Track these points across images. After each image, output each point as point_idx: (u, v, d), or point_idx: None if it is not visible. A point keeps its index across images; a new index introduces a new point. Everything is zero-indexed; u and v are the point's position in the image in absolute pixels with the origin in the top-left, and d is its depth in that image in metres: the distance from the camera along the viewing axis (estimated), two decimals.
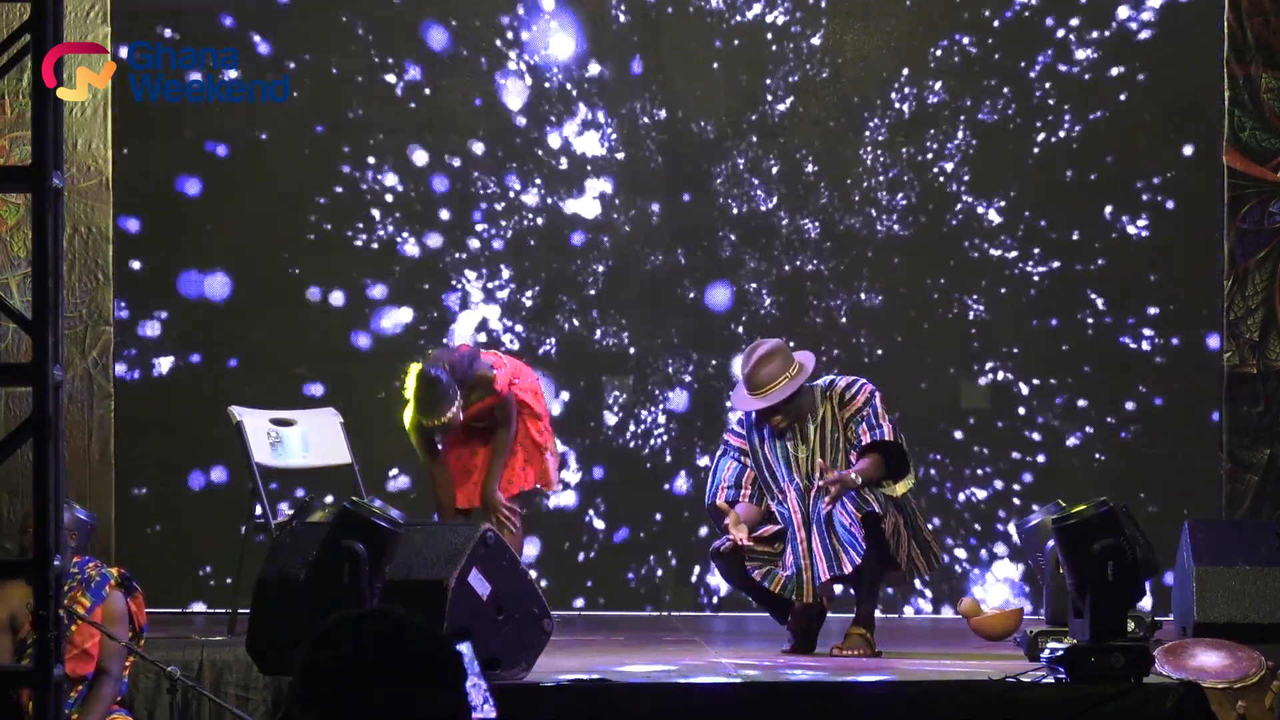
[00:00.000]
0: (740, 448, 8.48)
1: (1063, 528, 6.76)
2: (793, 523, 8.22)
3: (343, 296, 10.82)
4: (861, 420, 8.27)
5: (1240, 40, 9.79)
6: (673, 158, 10.88)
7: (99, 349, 9.61)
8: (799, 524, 8.20)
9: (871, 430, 8.24)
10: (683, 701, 6.77)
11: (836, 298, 10.82)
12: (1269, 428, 9.82)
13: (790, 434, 8.35)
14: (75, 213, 9.50)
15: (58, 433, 4.95)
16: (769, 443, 8.40)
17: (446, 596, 6.72)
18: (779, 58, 10.85)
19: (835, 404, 8.34)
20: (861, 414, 8.28)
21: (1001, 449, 10.85)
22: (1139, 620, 7.07)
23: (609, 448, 10.89)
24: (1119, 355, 10.83)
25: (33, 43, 5.02)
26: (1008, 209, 10.87)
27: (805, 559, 8.13)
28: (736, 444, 8.50)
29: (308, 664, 3.02)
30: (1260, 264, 9.82)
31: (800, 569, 8.13)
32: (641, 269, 10.87)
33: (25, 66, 5.16)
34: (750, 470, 8.44)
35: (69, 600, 7.20)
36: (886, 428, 8.25)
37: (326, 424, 9.43)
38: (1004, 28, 10.86)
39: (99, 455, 9.60)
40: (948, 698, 6.69)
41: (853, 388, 8.37)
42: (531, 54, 10.84)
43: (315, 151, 10.79)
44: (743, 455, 8.46)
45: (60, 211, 5.02)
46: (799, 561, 8.14)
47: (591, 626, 9.93)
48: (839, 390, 8.35)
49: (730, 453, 8.50)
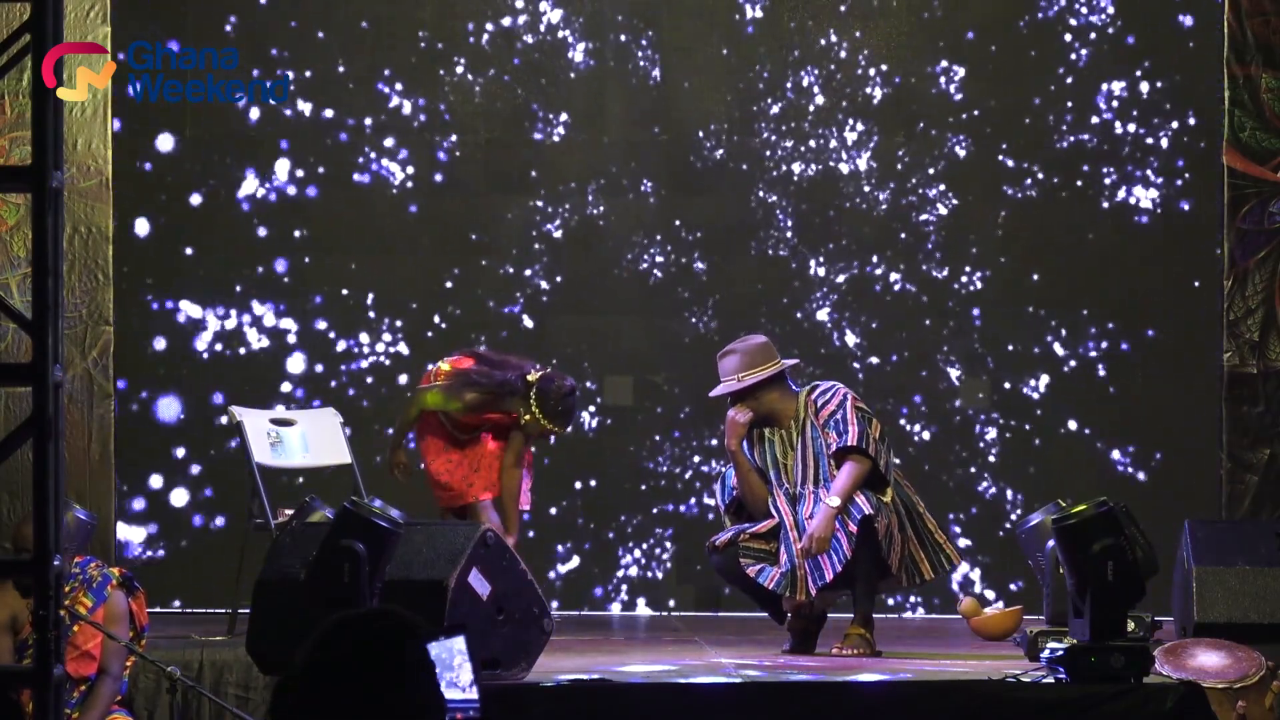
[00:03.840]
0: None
1: (1063, 528, 6.77)
2: (785, 524, 8.22)
3: (343, 297, 10.82)
4: (832, 426, 8.25)
5: (1240, 40, 9.79)
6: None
7: (99, 349, 9.60)
8: (790, 526, 8.20)
9: (840, 436, 8.20)
10: (683, 701, 6.78)
11: (824, 293, 10.83)
12: (1269, 428, 9.82)
13: (774, 439, 8.35)
14: (75, 213, 9.49)
15: (58, 433, 4.95)
16: (758, 446, 8.40)
17: (446, 596, 6.72)
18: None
19: (812, 411, 8.34)
20: (833, 418, 8.26)
21: (1002, 448, 10.84)
22: (1139, 620, 7.07)
23: (609, 446, 10.89)
24: (1118, 355, 10.83)
25: (33, 43, 5.02)
26: (1008, 208, 10.87)
27: (800, 559, 8.13)
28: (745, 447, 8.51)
29: (306, 665, 3.03)
30: (1260, 264, 9.81)
31: (794, 566, 8.14)
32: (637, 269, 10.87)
33: (25, 66, 5.16)
34: None
35: (71, 601, 7.21)
36: (853, 431, 8.16)
37: (326, 424, 9.43)
38: (1004, 28, 10.85)
39: (99, 455, 9.59)
40: (948, 698, 6.70)
41: (827, 393, 8.35)
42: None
43: (319, 148, 10.80)
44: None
45: (60, 211, 5.01)
46: (793, 559, 8.14)
47: (591, 626, 9.93)
48: (814, 397, 8.35)
49: None
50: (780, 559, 8.20)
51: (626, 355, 10.97)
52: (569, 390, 8.92)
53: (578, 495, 10.84)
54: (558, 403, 8.88)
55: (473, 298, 10.83)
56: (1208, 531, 8.34)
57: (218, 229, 10.75)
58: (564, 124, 10.91)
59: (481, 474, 9.02)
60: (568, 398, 8.90)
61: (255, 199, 10.78)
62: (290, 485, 10.14)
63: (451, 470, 9.01)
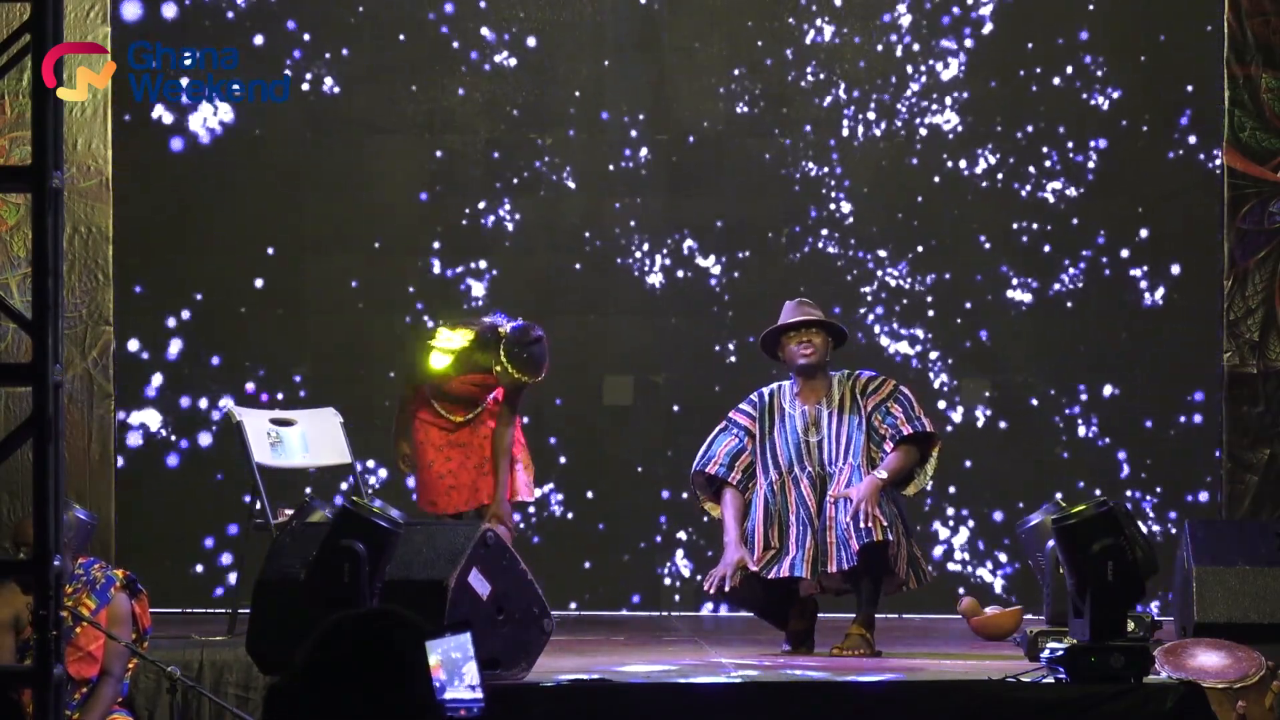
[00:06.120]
0: (746, 427, 8.48)
1: (1063, 528, 6.76)
2: (801, 511, 8.23)
3: (343, 296, 10.82)
4: (892, 413, 8.31)
5: (1240, 40, 9.78)
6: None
7: (99, 349, 9.60)
8: (813, 513, 8.22)
9: (910, 422, 8.31)
10: (683, 701, 6.78)
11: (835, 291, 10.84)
12: (1269, 428, 9.82)
13: (794, 414, 8.38)
14: (75, 213, 9.49)
15: (58, 433, 4.95)
16: (780, 426, 8.41)
17: (446, 596, 6.72)
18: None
19: (857, 393, 8.38)
20: (889, 404, 8.33)
21: (1001, 448, 10.84)
22: (1139, 620, 7.07)
23: (608, 446, 10.89)
24: (1118, 355, 10.83)
25: (33, 43, 5.02)
26: (1005, 209, 10.87)
27: (814, 542, 8.15)
28: (743, 423, 8.50)
29: (306, 665, 3.03)
30: (1260, 264, 9.81)
31: (805, 549, 8.16)
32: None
33: (25, 66, 5.16)
34: (747, 454, 8.45)
35: (74, 602, 7.21)
36: (926, 421, 8.35)
37: (326, 424, 9.43)
38: (1003, 29, 10.85)
39: (99, 455, 9.59)
40: (948, 698, 6.69)
41: (876, 379, 8.45)
42: None
43: (315, 151, 10.81)
44: (747, 436, 8.47)
45: (60, 211, 5.01)
46: (804, 544, 8.16)
47: (591, 626, 9.93)
48: (863, 381, 8.43)
49: (732, 429, 8.52)
50: (791, 546, 8.22)
51: (626, 355, 10.97)
52: (534, 339, 8.95)
53: (577, 495, 10.83)
54: (522, 349, 8.91)
55: (473, 297, 10.82)
56: (1208, 531, 8.35)
57: (218, 228, 10.75)
58: (564, 124, 10.90)
59: (487, 476, 9.07)
60: (532, 345, 8.93)
61: (256, 199, 10.78)
62: (291, 486, 10.15)
63: (455, 472, 9.03)
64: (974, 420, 10.87)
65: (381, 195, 10.86)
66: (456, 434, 9.06)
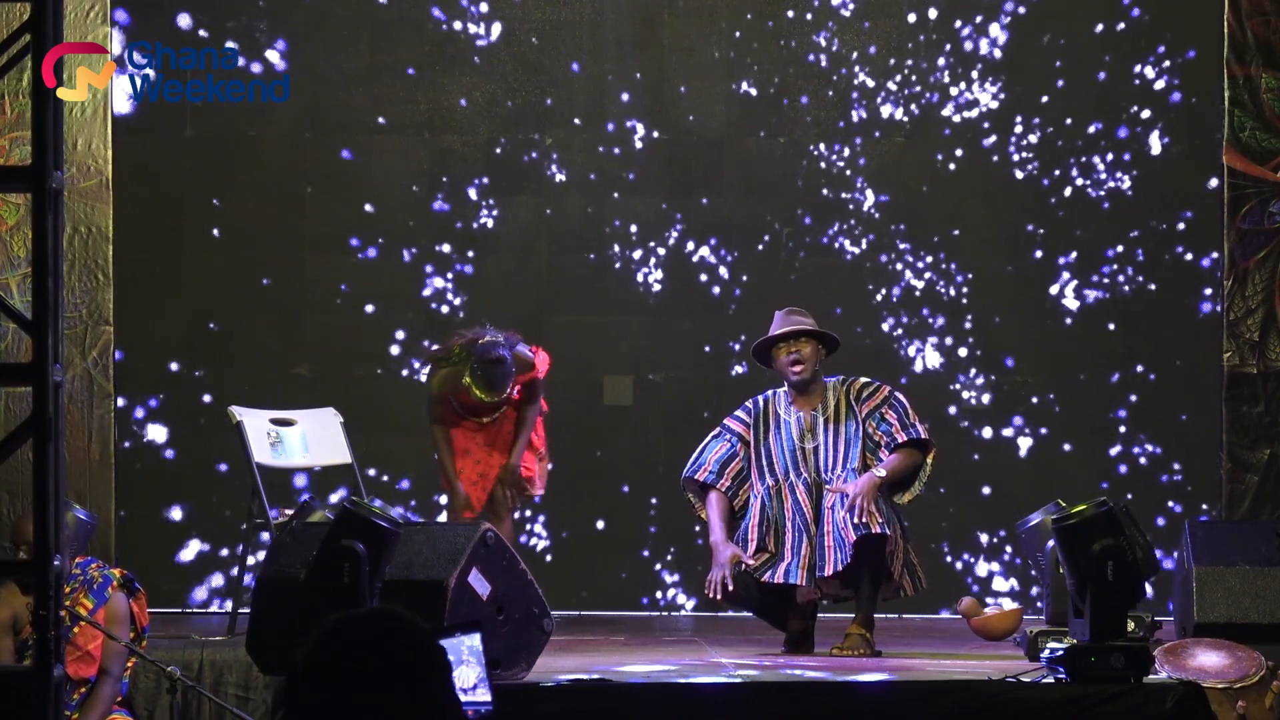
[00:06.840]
0: (740, 434, 8.48)
1: (1063, 528, 6.76)
2: (796, 517, 8.23)
3: (343, 296, 10.82)
4: (887, 419, 8.31)
5: (1240, 40, 9.78)
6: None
7: (99, 349, 9.60)
8: (809, 520, 8.22)
9: (905, 429, 8.31)
10: (683, 701, 6.77)
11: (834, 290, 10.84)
12: (1269, 428, 9.82)
13: (789, 420, 8.38)
14: (75, 213, 9.49)
15: (58, 433, 4.95)
16: (775, 432, 8.41)
17: (446, 596, 6.72)
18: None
19: (852, 399, 8.37)
20: (884, 411, 8.33)
21: (1001, 447, 10.85)
22: (1139, 620, 7.06)
23: (608, 446, 10.89)
24: (1118, 355, 10.83)
25: (33, 43, 5.02)
26: (1004, 208, 10.87)
27: (810, 547, 8.15)
28: (737, 429, 8.50)
29: (306, 665, 3.02)
30: (1260, 264, 9.81)
31: (801, 555, 8.16)
32: None
33: (25, 66, 5.16)
34: (739, 461, 8.45)
35: (71, 602, 7.21)
36: (922, 428, 8.35)
37: (326, 424, 9.44)
38: (1004, 29, 10.85)
39: (99, 455, 9.59)
40: (948, 698, 6.69)
41: (871, 385, 8.44)
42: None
43: (315, 151, 10.82)
44: (740, 443, 8.47)
45: (60, 211, 5.01)
46: (799, 550, 8.16)
47: (591, 626, 9.93)
48: (857, 386, 8.43)
49: (725, 435, 8.52)
50: (786, 553, 8.23)
51: (626, 355, 10.97)
52: (495, 358, 9.15)
53: (577, 495, 10.83)
54: (479, 367, 9.16)
55: (472, 297, 10.82)
56: (1208, 531, 8.34)
57: (218, 228, 10.75)
58: (564, 124, 10.91)
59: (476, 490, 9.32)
60: (491, 365, 9.15)
61: (256, 199, 10.78)
62: (290, 485, 10.15)
63: (483, 461, 9.27)
64: (974, 420, 10.87)
65: (381, 195, 10.86)
66: (483, 432, 9.37)
